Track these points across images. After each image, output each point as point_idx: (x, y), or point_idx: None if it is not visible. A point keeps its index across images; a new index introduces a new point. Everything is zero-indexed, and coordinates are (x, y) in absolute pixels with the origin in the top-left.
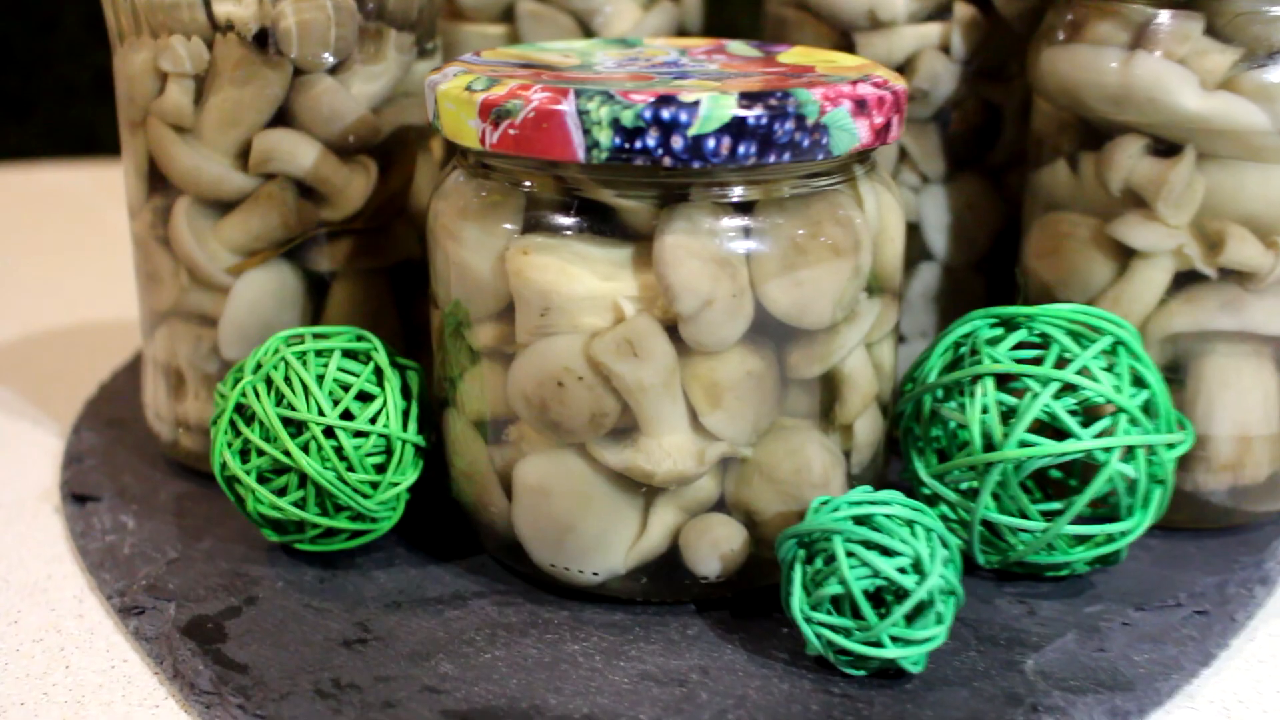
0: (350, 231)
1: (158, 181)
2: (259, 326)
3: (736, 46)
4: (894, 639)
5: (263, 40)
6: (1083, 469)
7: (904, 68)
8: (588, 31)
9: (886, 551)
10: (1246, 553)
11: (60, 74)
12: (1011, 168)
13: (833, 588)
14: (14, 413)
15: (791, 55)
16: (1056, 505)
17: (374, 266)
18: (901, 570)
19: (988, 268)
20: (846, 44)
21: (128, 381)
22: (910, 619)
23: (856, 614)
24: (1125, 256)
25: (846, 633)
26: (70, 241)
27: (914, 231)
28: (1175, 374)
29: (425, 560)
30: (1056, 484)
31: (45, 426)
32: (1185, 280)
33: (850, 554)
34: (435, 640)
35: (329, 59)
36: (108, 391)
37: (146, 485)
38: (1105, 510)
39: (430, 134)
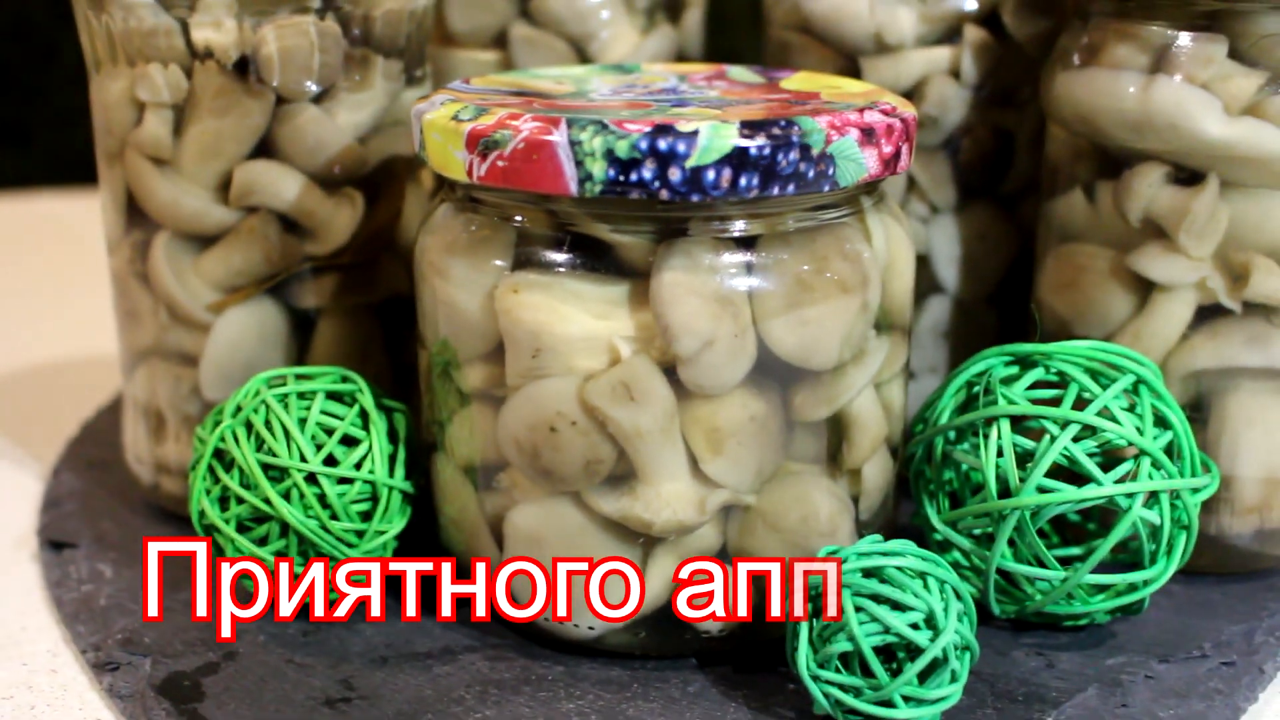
0: (336, 267)
1: (136, 215)
2: (241, 366)
3: (738, 72)
4: (906, 698)
5: (243, 68)
6: (1102, 513)
7: (912, 94)
8: (584, 57)
9: (898, 606)
10: (1274, 599)
11: (60, 102)
12: (1025, 197)
13: (841, 644)
14: None
15: (795, 81)
16: (1075, 551)
17: (361, 303)
18: (914, 626)
19: (1000, 301)
20: (852, 69)
21: (112, 420)
22: (923, 677)
23: (867, 672)
24: (1145, 290)
25: (856, 692)
26: (63, 272)
27: (923, 264)
28: (1198, 413)
29: None
30: (1074, 528)
31: (25, 467)
32: (1208, 315)
33: (859, 609)
34: (423, 699)
35: (313, 87)
36: (91, 431)
37: (126, 531)
38: (1127, 557)
39: (420, 165)
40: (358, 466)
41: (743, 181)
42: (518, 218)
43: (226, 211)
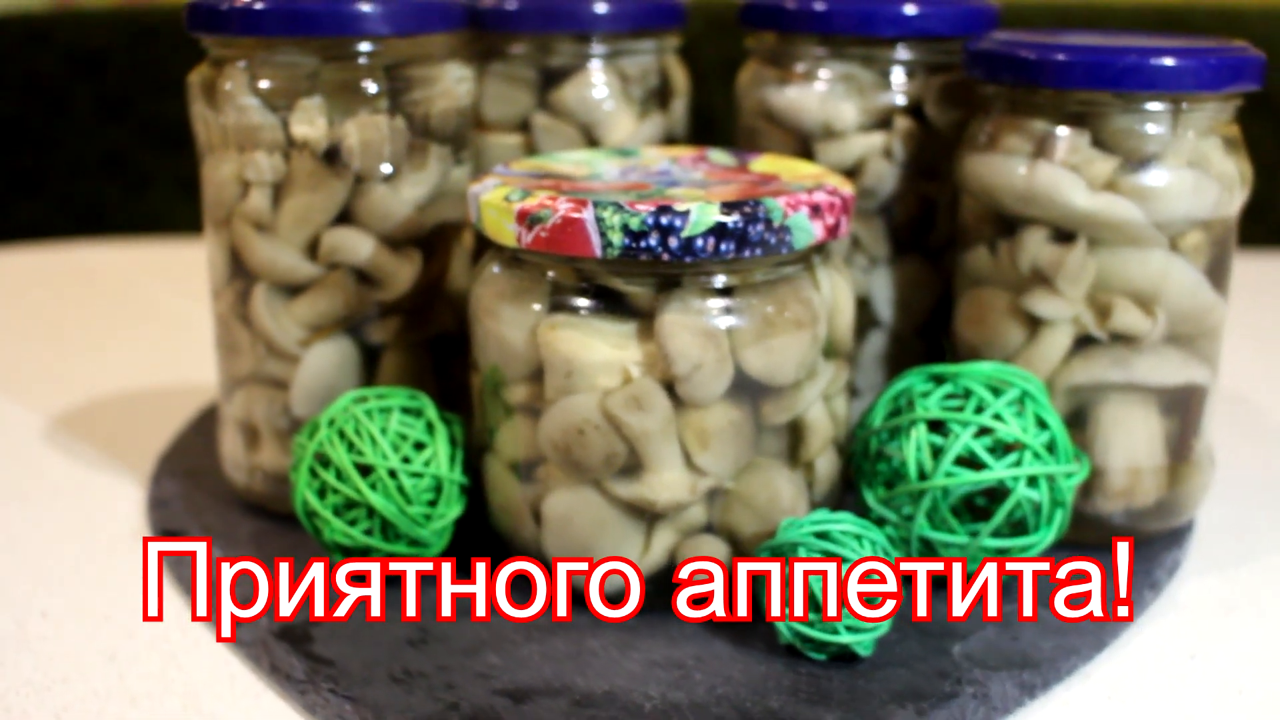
0: (399, 310)
1: (239, 269)
2: (324, 389)
3: (716, 155)
4: (847, 628)
5: (331, 156)
6: (1001, 497)
7: (854, 170)
8: (591, 140)
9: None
10: (1139, 563)
11: (70, 152)
12: (945, 251)
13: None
14: (94, 467)
15: (761, 164)
16: (979, 526)
17: (417, 339)
18: None
19: (927, 333)
20: (806, 150)
21: (195, 438)
22: None
23: (818, 608)
24: (1034, 324)
25: (810, 623)
26: (105, 315)
27: (865, 304)
28: (1078, 418)
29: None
30: (981, 509)
31: (126, 477)
32: (1083, 343)
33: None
34: (482, 639)
35: (384, 169)
36: (179, 446)
37: (227, 523)
38: (1020, 530)
39: (463, 227)
40: (426, 464)
41: (723, 247)
42: (551, 273)
43: (314, 267)
